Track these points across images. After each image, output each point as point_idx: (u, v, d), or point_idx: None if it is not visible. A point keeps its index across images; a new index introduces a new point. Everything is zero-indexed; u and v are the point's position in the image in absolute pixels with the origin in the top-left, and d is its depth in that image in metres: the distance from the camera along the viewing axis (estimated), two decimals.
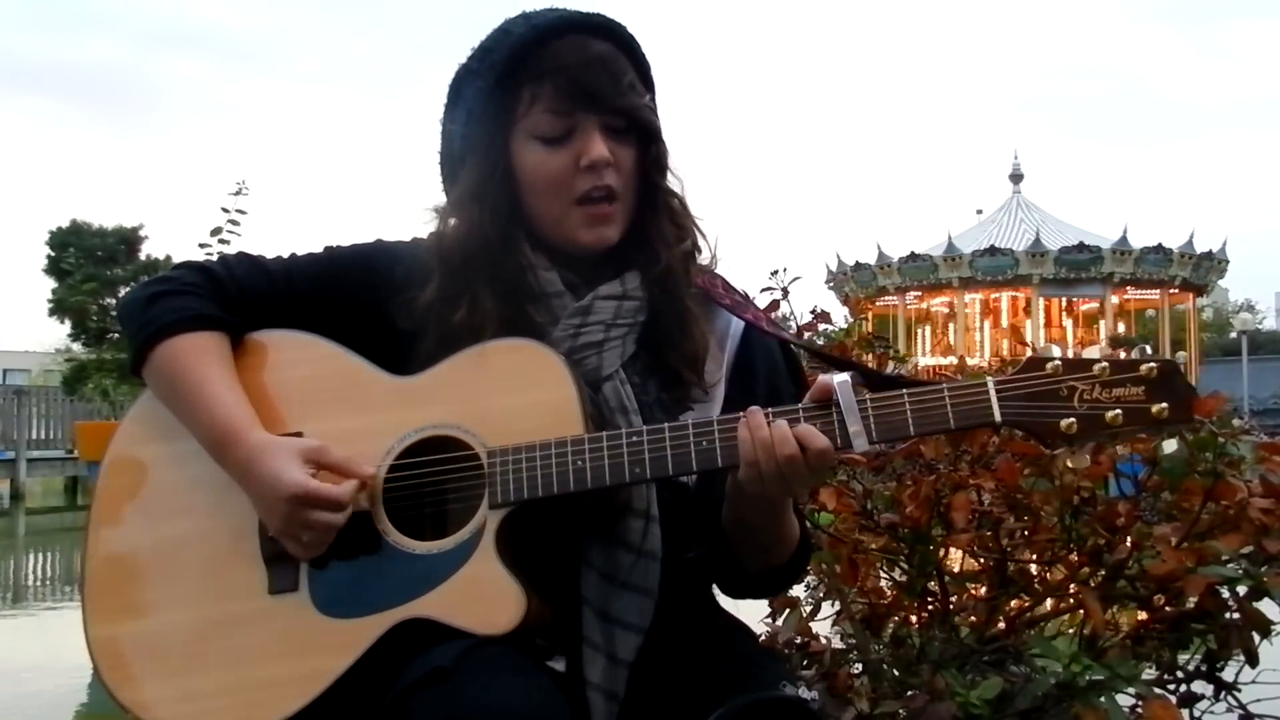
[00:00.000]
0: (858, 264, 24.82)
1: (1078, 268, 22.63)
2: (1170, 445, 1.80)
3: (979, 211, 27.14)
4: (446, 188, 1.40)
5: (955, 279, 23.32)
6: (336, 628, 1.22)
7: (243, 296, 1.36)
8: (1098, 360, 1.19)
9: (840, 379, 1.20)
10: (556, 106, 1.30)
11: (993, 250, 22.84)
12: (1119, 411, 1.17)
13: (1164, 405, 1.17)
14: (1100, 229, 23.60)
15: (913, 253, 23.88)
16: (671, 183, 1.38)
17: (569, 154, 1.31)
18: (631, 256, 1.35)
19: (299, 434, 1.29)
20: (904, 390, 1.19)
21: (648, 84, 1.37)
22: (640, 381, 1.32)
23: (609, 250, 1.35)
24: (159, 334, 1.32)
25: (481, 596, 1.18)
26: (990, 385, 1.18)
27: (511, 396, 1.24)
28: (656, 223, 1.36)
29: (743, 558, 1.33)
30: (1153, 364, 1.18)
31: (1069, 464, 1.84)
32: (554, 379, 1.24)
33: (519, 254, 1.33)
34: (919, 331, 25.58)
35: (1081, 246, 22.59)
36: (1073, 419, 1.17)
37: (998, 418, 1.18)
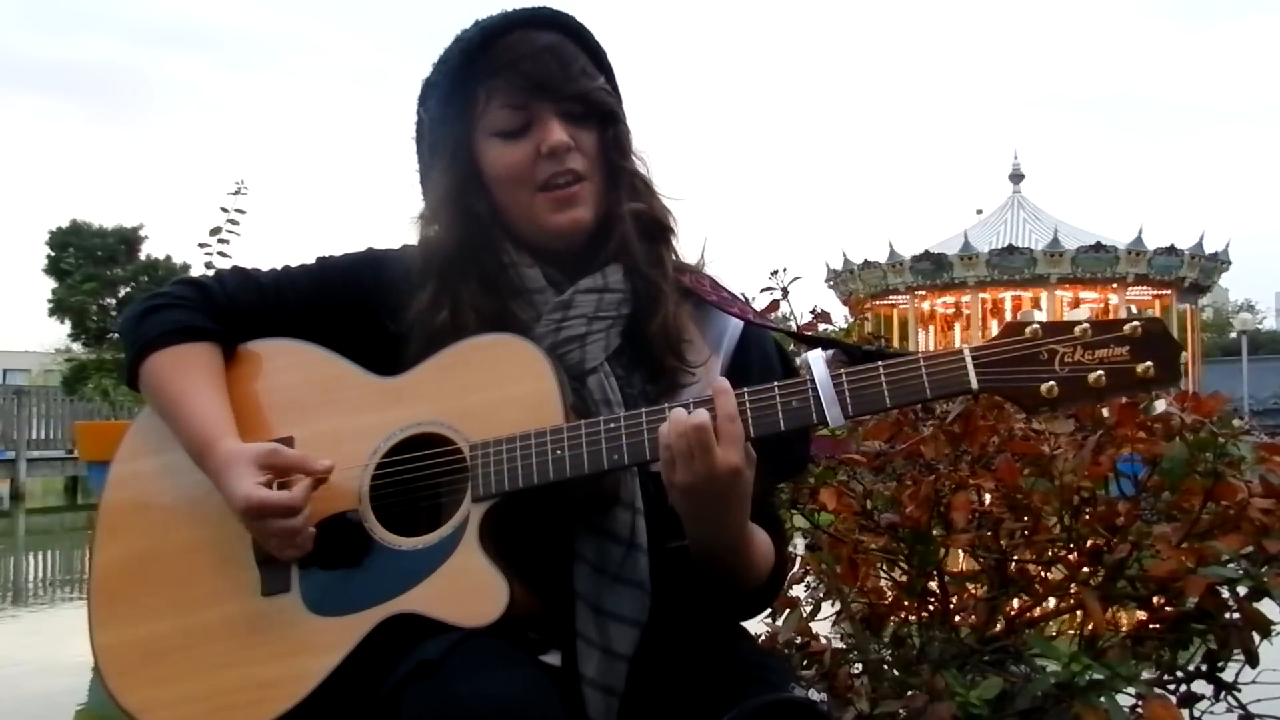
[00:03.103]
0: (835, 270, 25.12)
1: (1012, 270, 22.53)
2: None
3: (979, 211, 27.13)
4: (425, 195, 1.41)
5: (901, 284, 23.57)
6: (325, 626, 1.22)
7: (233, 308, 1.38)
8: (1079, 322, 1.15)
9: (814, 355, 1.19)
10: (511, 100, 1.31)
11: (928, 255, 22.91)
12: (1102, 373, 1.12)
13: (1149, 364, 1.12)
14: (1104, 229, 23.51)
15: (866, 260, 24.15)
16: (635, 163, 1.38)
17: (529, 145, 1.32)
18: (608, 244, 1.35)
19: (290, 439, 1.30)
20: (879, 363, 1.18)
21: (603, 69, 1.38)
22: (625, 374, 1.32)
23: (588, 240, 1.35)
24: (148, 348, 1.35)
25: (465, 589, 1.18)
26: (967, 353, 1.16)
27: (493, 391, 1.25)
28: (621, 204, 1.36)
29: (712, 583, 1.29)
30: (1137, 323, 1.14)
31: (1066, 452, 1.83)
32: (535, 372, 1.24)
33: (500, 253, 1.34)
34: (919, 332, 25.58)
35: (1011, 249, 22.45)
36: (1053, 383, 1.13)
37: (974, 385, 1.15)
